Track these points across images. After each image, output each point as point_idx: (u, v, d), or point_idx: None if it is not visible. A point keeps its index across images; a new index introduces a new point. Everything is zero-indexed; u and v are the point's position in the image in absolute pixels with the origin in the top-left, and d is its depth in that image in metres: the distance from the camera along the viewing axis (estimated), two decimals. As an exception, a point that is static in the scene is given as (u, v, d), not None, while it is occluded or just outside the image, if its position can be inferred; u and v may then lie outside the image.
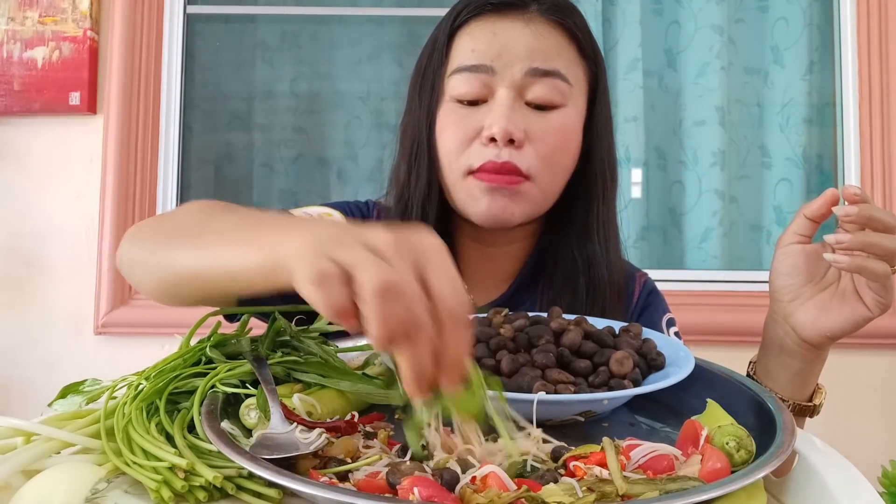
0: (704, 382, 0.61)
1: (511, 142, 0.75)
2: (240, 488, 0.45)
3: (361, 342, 0.72)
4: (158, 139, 2.07)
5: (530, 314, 0.68)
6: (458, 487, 0.41)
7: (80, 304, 1.99)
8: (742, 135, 2.08)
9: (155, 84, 2.07)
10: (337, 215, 0.86)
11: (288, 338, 0.66)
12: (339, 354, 0.65)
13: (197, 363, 0.60)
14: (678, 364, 0.60)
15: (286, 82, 2.20)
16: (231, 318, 0.70)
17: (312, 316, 0.74)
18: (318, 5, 2.18)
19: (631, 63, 2.05)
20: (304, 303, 0.42)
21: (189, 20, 2.16)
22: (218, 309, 0.67)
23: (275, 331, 0.66)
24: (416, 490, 0.40)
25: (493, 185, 0.76)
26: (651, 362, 0.62)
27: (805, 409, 0.74)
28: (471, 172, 0.77)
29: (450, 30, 0.80)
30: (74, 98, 2.00)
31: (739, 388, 0.60)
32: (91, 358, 1.97)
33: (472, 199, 0.78)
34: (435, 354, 0.41)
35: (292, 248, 0.44)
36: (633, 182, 2.07)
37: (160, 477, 0.44)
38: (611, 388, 0.57)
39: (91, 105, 2.01)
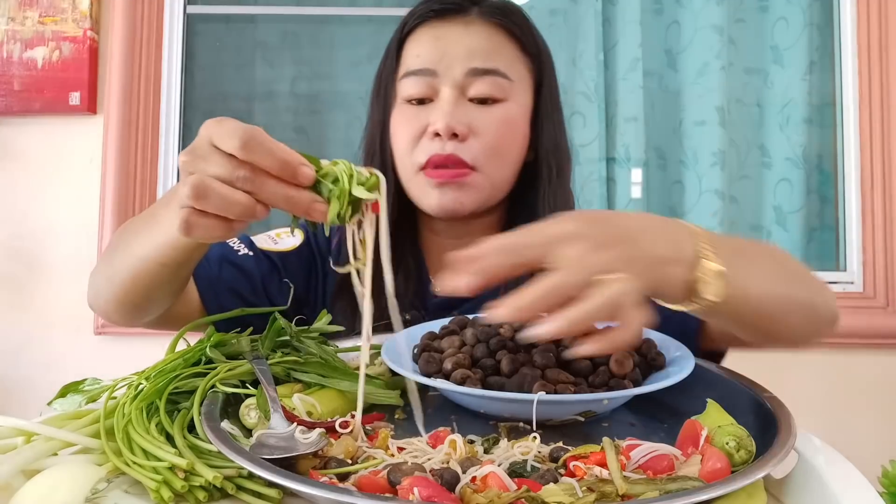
0: (704, 382, 0.61)
1: (455, 136, 0.79)
2: (240, 488, 0.45)
3: (361, 342, 0.72)
4: (158, 139, 2.07)
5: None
6: (458, 487, 0.41)
7: (80, 304, 1.97)
8: (742, 135, 2.08)
9: (155, 84, 2.07)
10: (295, 231, 0.91)
11: (288, 338, 0.66)
12: (339, 354, 0.65)
13: (197, 363, 0.60)
14: (678, 364, 0.60)
15: (286, 82, 2.20)
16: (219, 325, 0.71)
17: (312, 316, 0.75)
18: (318, 5, 2.18)
19: (631, 63, 2.05)
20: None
21: (189, 20, 2.16)
22: (208, 318, 0.71)
23: (275, 331, 0.66)
24: (416, 490, 0.40)
25: (440, 180, 0.80)
26: (651, 362, 0.62)
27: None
28: (421, 168, 0.81)
29: (399, 38, 0.86)
30: (74, 98, 2.00)
31: (739, 388, 0.60)
32: (91, 358, 1.97)
33: (424, 194, 0.82)
34: (284, 186, 0.50)
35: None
36: (633, 182, 2.07)
37: (160, 477, 0.44)
38: (611, 388, 0.57)
39: (91, 105, 2.01)
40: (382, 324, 0.81)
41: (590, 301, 0.47)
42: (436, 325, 0.70)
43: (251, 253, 0.85)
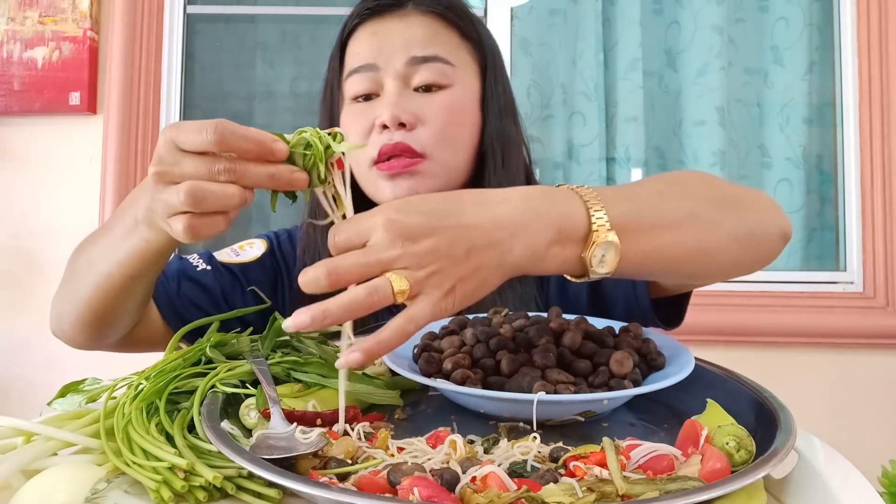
0: (704, 382, 0.61)
1: (402, 126, 0.80)
2: (240, 488, 0.45)
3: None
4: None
5: (530, 314, 0.68)
6: (458, 487, 0.41)
7: (80, 304, 1.99)
8: (742, 135, 2.08)
9: (155, 84, 2.07)
10: (258, 242, 0.91)
11: (288, 338, 0.66)
12: (338, 354, 0.65)
13: (197, 363, 0.60)
14: (678, 364, 0.60)
15: (286, 82, 2.20)
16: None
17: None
18: (318, 5, 2.18)
19: (631, 63, 2.05)
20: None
21: (189, 20, 2.16)
22: (201, 321, 0.71)
23: (275, 331, 0.66)
24: (416, 490, 0.40)
25: (392, 171, 0.80)
26: (651, 362, 0.62)
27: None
28: (373, 164, 0.81)
29: (340, 41, 0.87)
30: (74, 98, 2.00)
31: (739, 388, 0.60)
32: (91, 358, 1.97)
33: (378, 189, 0.82)
34: (264, 166, 0.51)
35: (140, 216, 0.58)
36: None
37: (160, 477, 0.44)
38: (611, 388, 0.57)
39: (91, 105, 2.01)
40: (380, 324, 0.82)
41: (344, 296, 0.46)
42: (436, 325, 0.70)
43: (209, 268, 0.85)
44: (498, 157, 0.86)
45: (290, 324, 0.47)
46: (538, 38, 2.10)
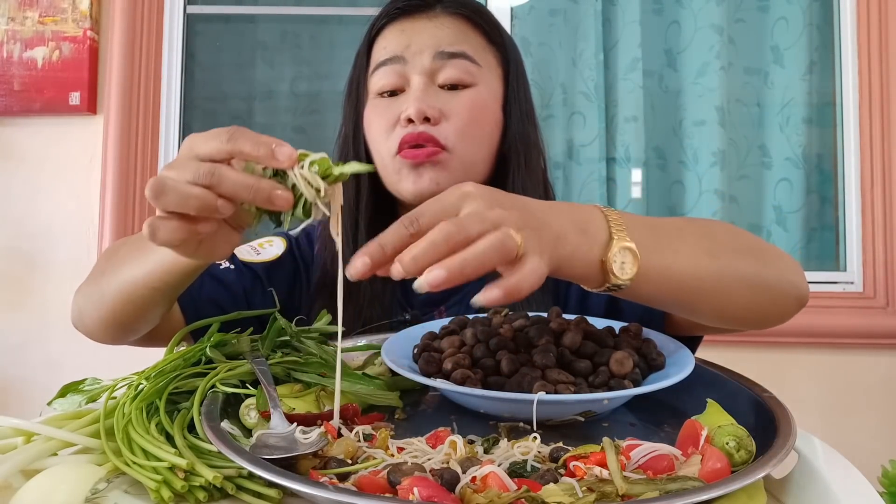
0: (704, 382, 0.61)
1: (427, 120, 0.81)
2: (240, 488, 0.45)
3: (361, 342, 0.72)
4: (158, 139, 2.07)
5: (530, 314, 0.68)
6: (458, 487, 0.41)
7: (80, 304, 1.99)
8: (742, 135, 2.08)
9: (155, 84, 2.07)
10: (277, 241, 0.91)
11: (288, 338, 0.66)
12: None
13: (197, 363, 0.60)
14: (678, 364, 0.60)
15: (286, 82, 2.20)
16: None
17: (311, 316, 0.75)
18: (318, 5, 2.18)
19: (631, 63, 2.05)
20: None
21: (189, 20, 2.16)
22: (201, 322, 0.71)
23: (275, 331, 0.66)
24: (416, 490, 0.40)
25: (416, 160, 0.81)
26: (651, 362, 0.62)
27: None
28: (397, 153, 0.82)
29: (368, 39, 0.89)
30: (74, 98, 2.00)
31: (739, 388, 0.60)
32: (91, 358, 1.97)
33: (400, 179, 0.82)
34: (245, 176, 0.50)
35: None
36: (633, 182, 2.06)
37: (160, 477, 0.44)
38: (611, 388, 0.57)
39: (91, 105, 2.01)
40: (380, 324, 0.82)
41: (478, 244, 0.46)
42: (436, 325, 0.70)
43: (232, 266, 0.85)
44: (521, 158, 0.87)
45: (423, 282, 0.45)
46: (538, 38, 2.10)
